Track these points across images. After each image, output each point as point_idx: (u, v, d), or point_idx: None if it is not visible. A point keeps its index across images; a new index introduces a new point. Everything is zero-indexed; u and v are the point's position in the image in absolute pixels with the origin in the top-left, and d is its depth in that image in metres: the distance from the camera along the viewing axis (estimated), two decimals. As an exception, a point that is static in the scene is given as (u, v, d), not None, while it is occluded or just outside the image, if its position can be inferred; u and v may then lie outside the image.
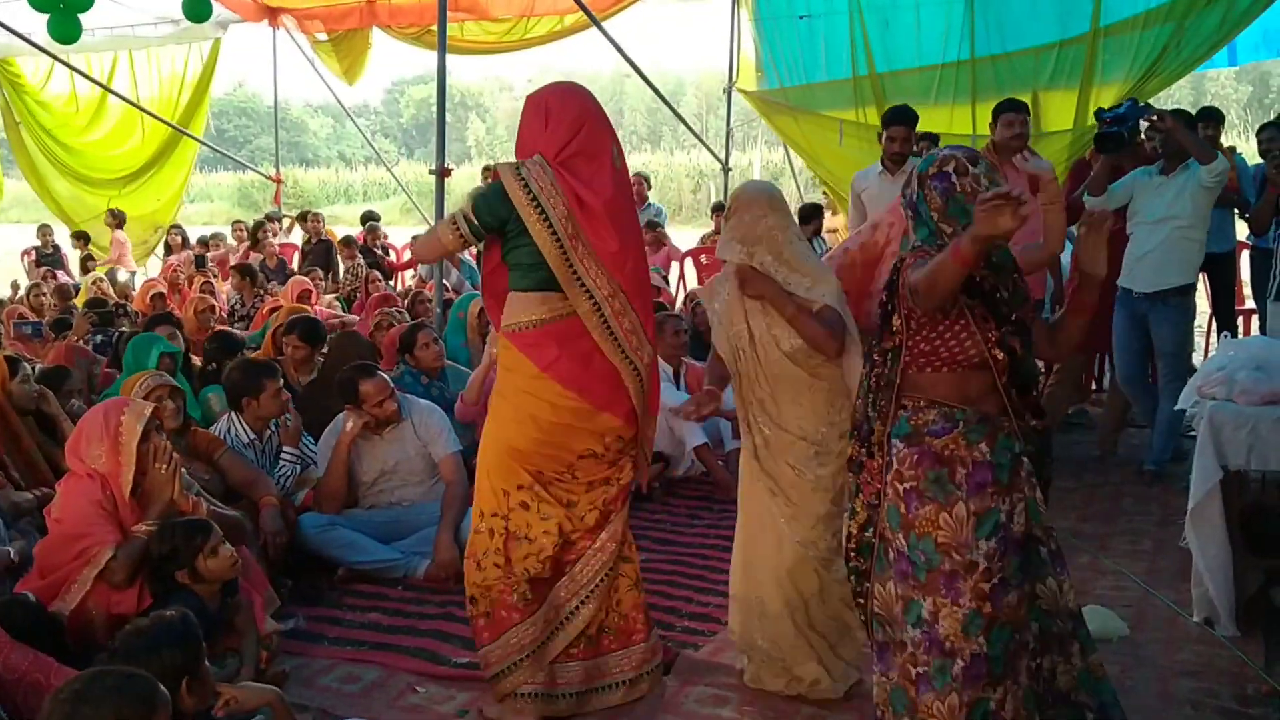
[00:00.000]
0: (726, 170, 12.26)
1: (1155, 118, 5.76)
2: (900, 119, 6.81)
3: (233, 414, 4.98)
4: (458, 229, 3.32)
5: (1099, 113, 6.02)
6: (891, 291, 2.71)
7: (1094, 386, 8.07)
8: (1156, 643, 3.99)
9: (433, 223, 7.35)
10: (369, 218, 13.01)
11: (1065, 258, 7.47)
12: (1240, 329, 8.13)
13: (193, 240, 13.44)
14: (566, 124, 3.30)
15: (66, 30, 10.21)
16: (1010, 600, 2.63)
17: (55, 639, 3.32)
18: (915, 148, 8.90)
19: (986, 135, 6.71)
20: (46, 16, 10.32)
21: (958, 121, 9.90)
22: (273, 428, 5.03)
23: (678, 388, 6.06)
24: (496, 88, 53.78)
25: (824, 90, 10.50)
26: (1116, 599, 4.34)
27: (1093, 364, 7.90)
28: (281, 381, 5.05)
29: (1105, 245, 2.73)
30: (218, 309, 8.58)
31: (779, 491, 3.51)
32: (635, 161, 31.93)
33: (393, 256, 12.37)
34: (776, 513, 3.52)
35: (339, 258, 11.60)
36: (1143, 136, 6.79)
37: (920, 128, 9.38)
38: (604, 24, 10.35)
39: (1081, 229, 2.77)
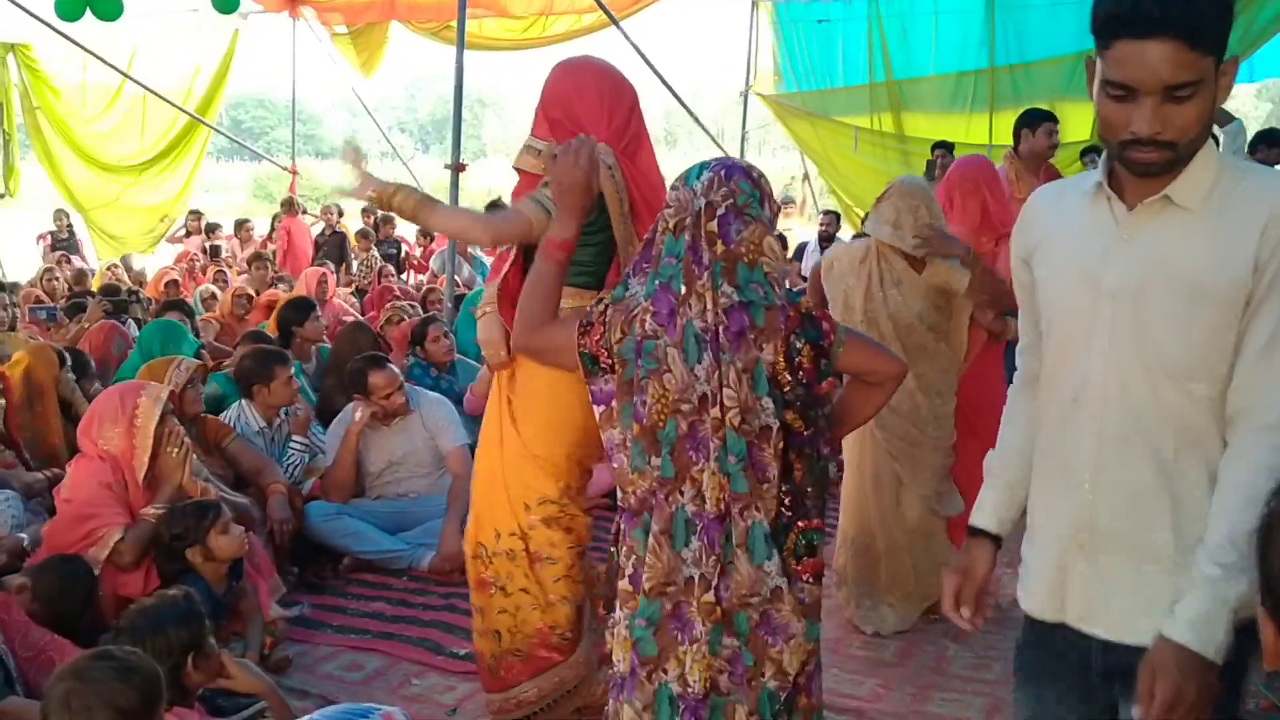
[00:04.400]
0: (741, 173, 12.26)
1: None
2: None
3: (243, 401, 5.00)
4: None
5: None
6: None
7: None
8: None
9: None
10: (367, 210, 12.99)
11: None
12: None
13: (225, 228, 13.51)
14: (626, 107, 3.07)
15: (110, 8, 10.24)
16: None
17: (88, 596, 3.41)
18: (933, 155, 8.95)
19: (1004, 145, 6.73)
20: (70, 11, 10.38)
21: (975, 130, 9.93)
22: (283, 416, 5.05)
23: None
24: (514, 86, 53.86)
25: (840, 96, 10.54)
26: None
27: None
28: (293, 369, 5.07)
29: None
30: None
31: (901, 453, 4.04)
32: (650, 163, 31.93)
33: (404, 250, 12.41)
34: (897, 471, 4.05)
35: (352, 251, 11.63)
36: None
37: (936, 136, 9.44)
38: (622, 24, 10.37)
39: None
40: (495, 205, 10.54)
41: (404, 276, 11.01)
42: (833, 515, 4.06)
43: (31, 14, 10.97)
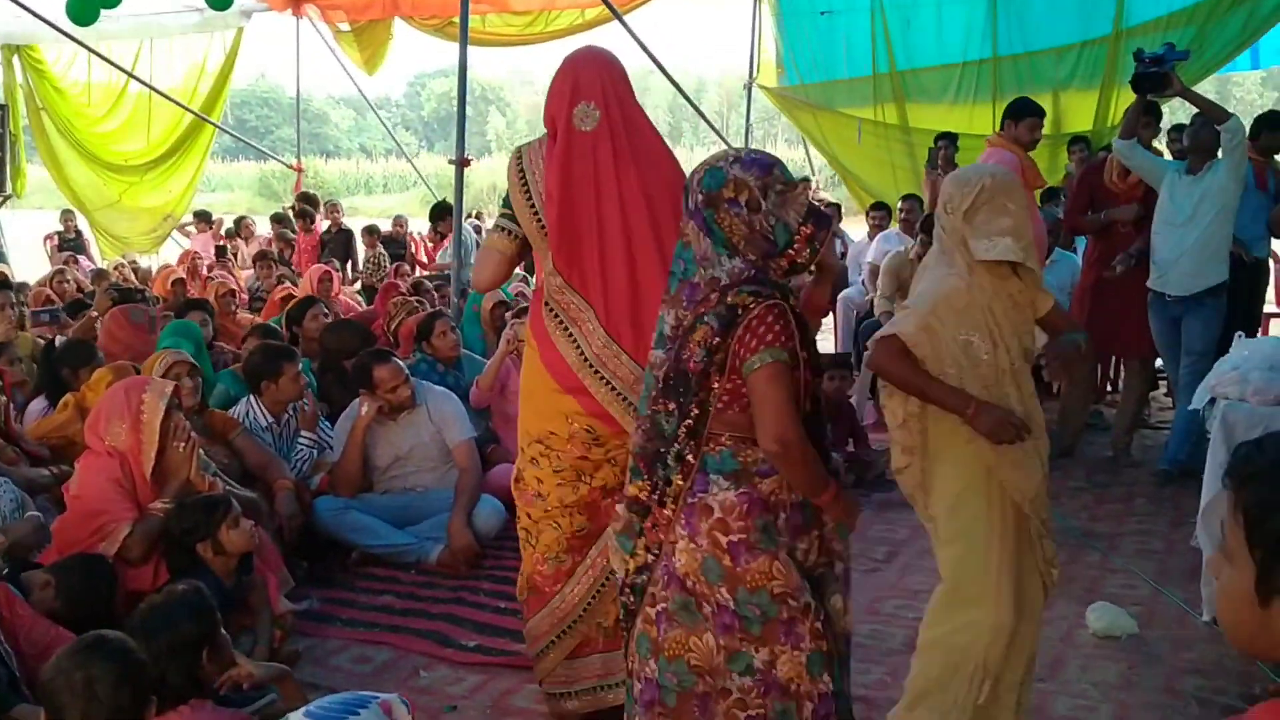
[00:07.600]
0: (746, 167, 12.25)
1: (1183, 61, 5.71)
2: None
3: (251, 397, 5.02)
4: (503, 229, 3.24)
5: (1137, 53, 5.82)
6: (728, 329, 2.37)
7: (1108, 388, 8.05)
8: (1165, 641, 3.99)
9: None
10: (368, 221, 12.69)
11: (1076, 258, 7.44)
12: (1261, 331, 8.08)
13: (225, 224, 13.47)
14: (553, 91, 3.14)
15: (84, 12, 10.24)
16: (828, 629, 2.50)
17: (110, 593, 3.44)
18: (936, 145, 8.93)
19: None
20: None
21: (978, 121, 9.92)
22: (290, 411, 5.07)
23: None
24: (517, 81, 53.93)
25: (844, 87, 10.55)
26: (1126, 597, 4.33)
27: (1107, 366, 7.86)
28: (300, 365, 5.09)
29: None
30: (238, 294, 8.64)
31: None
32: (654, 157, 31.95)
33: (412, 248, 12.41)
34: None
35: (359, 248, 11.65)
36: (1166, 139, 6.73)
37: (940, 127, 9.43)
38: (626, 18, 10.36)
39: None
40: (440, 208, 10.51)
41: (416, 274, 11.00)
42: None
43: (38, 15, 11.00)
